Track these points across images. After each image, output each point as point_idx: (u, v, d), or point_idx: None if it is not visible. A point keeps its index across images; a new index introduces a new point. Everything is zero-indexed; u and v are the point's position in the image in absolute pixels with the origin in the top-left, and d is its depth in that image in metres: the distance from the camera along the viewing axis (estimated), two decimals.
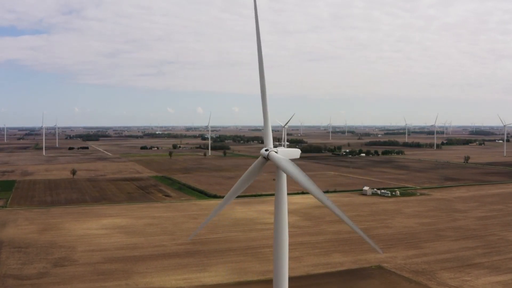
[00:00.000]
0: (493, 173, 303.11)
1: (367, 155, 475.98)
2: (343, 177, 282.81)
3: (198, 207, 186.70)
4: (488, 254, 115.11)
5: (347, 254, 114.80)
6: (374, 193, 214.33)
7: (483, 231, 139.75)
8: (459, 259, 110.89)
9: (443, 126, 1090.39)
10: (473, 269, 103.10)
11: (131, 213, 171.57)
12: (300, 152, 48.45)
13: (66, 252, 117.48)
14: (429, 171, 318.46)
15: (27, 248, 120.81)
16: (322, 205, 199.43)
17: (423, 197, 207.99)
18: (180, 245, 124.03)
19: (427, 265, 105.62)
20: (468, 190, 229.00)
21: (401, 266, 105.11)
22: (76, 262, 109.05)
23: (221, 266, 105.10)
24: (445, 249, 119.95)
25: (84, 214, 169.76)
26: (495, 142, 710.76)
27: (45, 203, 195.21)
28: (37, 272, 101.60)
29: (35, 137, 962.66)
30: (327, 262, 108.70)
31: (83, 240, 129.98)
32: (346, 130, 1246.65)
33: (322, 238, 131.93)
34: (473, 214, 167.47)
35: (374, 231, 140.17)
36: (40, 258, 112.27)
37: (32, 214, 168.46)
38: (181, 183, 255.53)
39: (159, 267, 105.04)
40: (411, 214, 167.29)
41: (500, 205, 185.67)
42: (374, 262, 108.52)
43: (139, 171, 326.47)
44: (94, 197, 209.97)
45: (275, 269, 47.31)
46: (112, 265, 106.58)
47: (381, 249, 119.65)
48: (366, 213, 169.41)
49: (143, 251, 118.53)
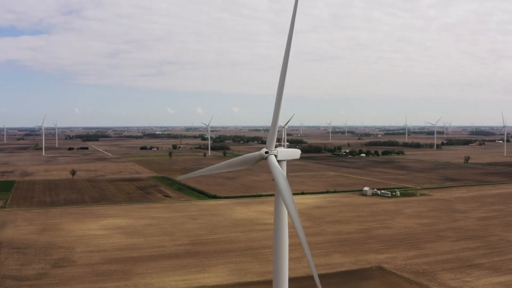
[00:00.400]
0: (494, 173, 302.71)
1: (367, 155, 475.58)
2: (343, 177, 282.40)
3: (198, 207, 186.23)
4: (488, 254, 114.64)
5: (348, 255, 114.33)
6: (374, 194, 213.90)
7: (484, 232, 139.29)
8: (460, 259, 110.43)
9: (443, 126, 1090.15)
10: (474, 269, 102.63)
11: (131, 213, 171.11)
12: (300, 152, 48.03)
13: (65, 253, 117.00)
14: (429, 171, 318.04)
15: (26, 249, 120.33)
16: (322, 205, 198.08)
17: (423, 197, 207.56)
18: (180, 246, 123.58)
19: (428, 266, 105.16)
20: (468, 190, 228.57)
21: (401, 267, 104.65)
22: (75, 263, 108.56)
23: (221, 267, 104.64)
24: (446, 249, 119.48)
25: (84, 214, 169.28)
26: (495, 142, 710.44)
27: (45, 203, 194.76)
28: (36, 273, 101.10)
29: (35, 137, 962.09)
30: (327, 262, 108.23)
31: (82, 240, 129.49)
32: (346, 130, 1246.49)
33: (322, 238, 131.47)
34: (474, 214, 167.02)
35: (374, 231, 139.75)
36: (39, 259, 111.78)
37: (31, 215, 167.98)
38: (181, 183, 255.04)
39: (159, 268, 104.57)
40: (411, 214, 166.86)
41: (500, 205, 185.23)
42: (374, 263, 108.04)
43: (138, 171, 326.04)
44: (93, 198, 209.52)
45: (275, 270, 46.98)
46: (111, 266, 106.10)
47: (381, 249, 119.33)
48: (366, 213, 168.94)
49: (142, 251, 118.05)
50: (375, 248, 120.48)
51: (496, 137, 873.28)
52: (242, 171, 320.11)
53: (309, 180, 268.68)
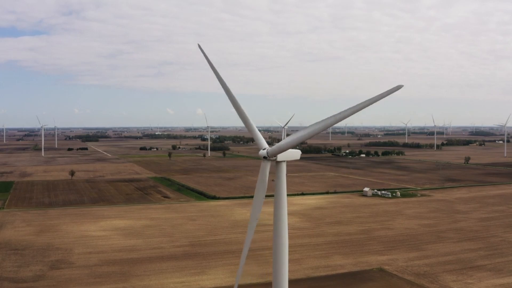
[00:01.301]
0: (494, 174, 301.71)
1: (367, 155, 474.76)
2: (343, 178, 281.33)
3: (197, 208, 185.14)
4: (490, 256, 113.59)
5: (348, 256, 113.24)
6: (374, 194, 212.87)
7: (485, 233, 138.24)
8: (461, 261, 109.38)
9: (442, 127, 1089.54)
10: (476, 271, 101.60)
11: (129, 214, 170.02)
12: (300, 153, 47.00)
13: (63, 254, 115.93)
14: (430, 171, 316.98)
15: (23, 250, 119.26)
16: (322, 206, 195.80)
17: (423, 198, 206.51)
18: (179, 247, 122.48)
19: (429, 268, 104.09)
20: (469, 191, 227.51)
21: (402, 269, 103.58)
22: (73, 264, 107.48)
23: (220, 269, 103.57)
24: (447, 251, 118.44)
25: (82, 215, 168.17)
26: (495, 143, 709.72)
27: (43, 204, 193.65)
28: (33, 275, 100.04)
29: (35, 138, 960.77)
30: (328, 264, 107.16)
31: (80, 242, 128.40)
32: (346, 131, 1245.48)
33: (322, 239, 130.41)
34: (475, 215, 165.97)
35: (374, 232, 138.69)
36: (37, 260, 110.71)
37: (30, 216, 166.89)
38: (180, 184, 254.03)
39: (157, 269, 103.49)
40: (412, 215, 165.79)
41: (501, 206, 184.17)
42: (375, 264, 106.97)
43: (138, 172, 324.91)
44: (92, 199, 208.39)
45: (274, 272, 45.97)
46: (109, 267, 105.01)
47: (381, 251, 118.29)
48: (366, 214, 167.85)
49: (141, 253, 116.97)
50: (375, 250, 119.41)
51: (496, 138, 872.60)
52: (242, 171, 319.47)
53: (309, 181, 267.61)
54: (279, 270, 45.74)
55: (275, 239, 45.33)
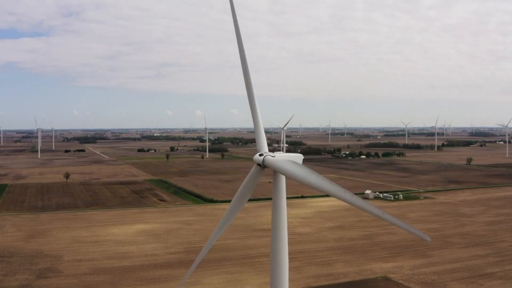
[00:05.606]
0: (497, 175, 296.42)
1: (367, 157, 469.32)
2: (343, 180, 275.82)
3: (194, 212, 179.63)
4: (500, 263, 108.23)
5: (351, 264, 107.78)
6: (376, 197, 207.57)
7: (493, 238, 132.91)
8: (470, 268, 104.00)
9: (442, 128, 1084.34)
10: (486, 279, 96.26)
11: (123, 219, 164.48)
12: (303, 157, 41.32)
13: (51, 262, 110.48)
14: (432, 173, 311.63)
15: (10, 258, 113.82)
16: (323, 210, 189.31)
17: (427, 200, 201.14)
18: (173, 254, 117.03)
19: (437, 276, 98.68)
20: (473, 193, 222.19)
21: (408, 277, 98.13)
22: (61, 273, 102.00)
23: (216, 278, 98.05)
24: (454, 257, 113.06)
25: (74, 220, 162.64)
26: (496, 144, 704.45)
27: (35, 208, 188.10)
28: (19, 284, 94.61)
29: (32, 139, 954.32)
30: (330, 272, 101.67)
31: (70, 248, 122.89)
32: (345, 132, 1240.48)
33: (323, 246, 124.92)
34: (480, 218, 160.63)
35: (378, 237, 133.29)
36: (24, 268, 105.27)
37: (20, 220, 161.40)
38: (177, 186, 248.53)
39: (149, 278, 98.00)
40: (416, 219, 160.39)
41: (507, 209, 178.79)
42: (379, 272, 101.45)
43: (134, 174, 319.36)
44: (86, 202, 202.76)
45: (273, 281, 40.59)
46: (99, 276, 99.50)
47: (386, 257, 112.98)
48: (369, 218, 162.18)
49: (133, 260, 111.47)
50: (379, 256, 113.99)
51: (496, 138, 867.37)
52: (240, 173, 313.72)
53: None
54: (278, 279, 40.51)
55: (274, 245, 39.89)
